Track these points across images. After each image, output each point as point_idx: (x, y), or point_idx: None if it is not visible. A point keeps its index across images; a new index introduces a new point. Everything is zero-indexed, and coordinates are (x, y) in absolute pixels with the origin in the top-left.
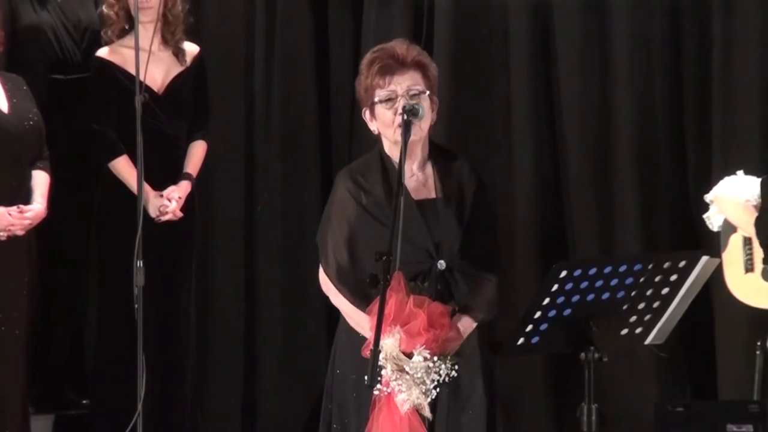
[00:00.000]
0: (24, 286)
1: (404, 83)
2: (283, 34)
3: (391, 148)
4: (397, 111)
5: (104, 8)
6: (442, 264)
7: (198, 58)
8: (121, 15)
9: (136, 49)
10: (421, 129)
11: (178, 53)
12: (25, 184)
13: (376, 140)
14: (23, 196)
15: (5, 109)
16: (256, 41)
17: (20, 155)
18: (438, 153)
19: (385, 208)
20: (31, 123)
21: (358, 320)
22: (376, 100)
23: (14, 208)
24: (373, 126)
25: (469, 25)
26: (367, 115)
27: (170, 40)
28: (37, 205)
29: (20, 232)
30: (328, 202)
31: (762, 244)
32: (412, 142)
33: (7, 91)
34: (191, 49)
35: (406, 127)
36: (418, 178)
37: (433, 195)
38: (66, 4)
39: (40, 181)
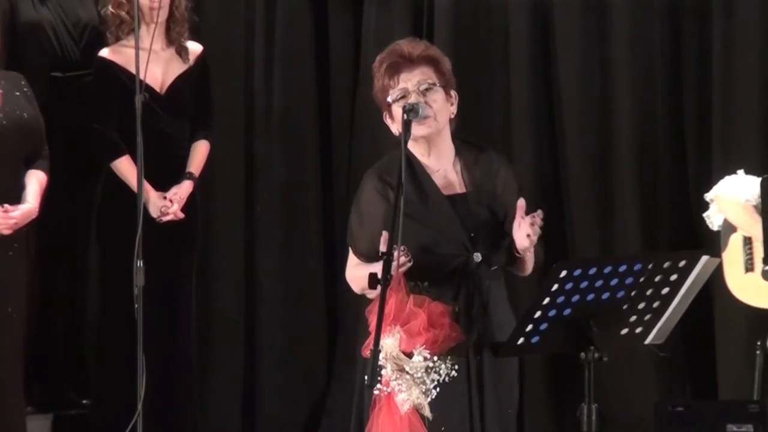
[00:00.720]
0: (22, 285)
1: (414, 79)
2: (283, 34)
3: (413, 146)
4: None
5: (112, 8)
6: (478, 256)
7: (201, 58)
8: (133, 15)
9: (137, 48)
10: (437, 122)
11: (181, 51)
12: (17, 183)
13: (397, 142)
14: (16, 196)
15: None
16: (256, 41)
17: (14, 154)
18: (464, 147)
19: (416, 204)
20: (25, 121)
21: None
22: (389, 100)
23: None
24: (395, 128)
25: (469, 24)
26: (387, 119)
27: (175, 40)
28: (27, 205)
29: (6, 232)
30: (354, 203)
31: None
32: (428, 134)
33: (2, 89)
34: (194, 48)
35: (406, 127)
36: (447, 173)
37: (462, 190)
38: (66, 2)
39: (35, 180)
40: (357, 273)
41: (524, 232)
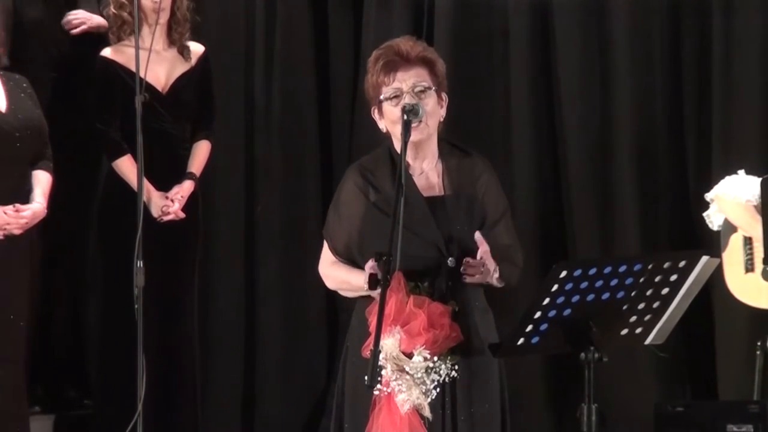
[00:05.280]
0: (25, 286)
1: (409, 80)
2: (283, 34)
3: (400, 146)
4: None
5: (114, 9)
6: (452, 261)
7: (203, 58)
8: (134, 15)
9: (137, 49)
10: (428, 126)
11: (183, 51)
12: (24, 184)
13: (384, 138)
14: (23, 196)
15: (3, 108)
16: (256, 41)
17: (18, 155)
18: (449, 150)
19: (393, 204)
20: (30, 123)
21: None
22: (382, 97)
23: (10, 207)
24: (382, 124)
25: (469, 25)
26: (376, 114)
27: (177, 40)
28: (36, 205)
29: (17, 231)
30: (334, 196)
31: None
32: (419, 140)
33: (7, 90)
34: (196, 48)
35: (406, 127)
36: (428, 175)
37: (442, 192)
38: (70, 2)
39: (41, 180)
40: (334, 274)
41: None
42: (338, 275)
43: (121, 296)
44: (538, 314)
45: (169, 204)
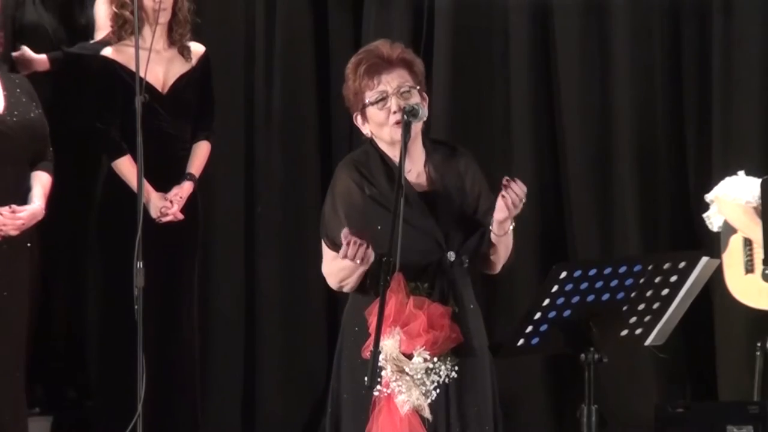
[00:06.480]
0: (24, 287)
1: (393, 82)
2: (283, 34)
3: (387, 148)
4: (390, 110)
5: (115, 9)
6: (452, 255)
7: (203, 59)
8: (135, 15)
9: (137, 49)
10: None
11: (184, 51)
12: (23, 184)
13: (366, 140)
14: (21, 197)
15: (0, 109)
16: (256, 41)
17: (16, 155)
18: (433, 147)
19: (390, 197)
20: (29, 123)
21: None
22: (366, 102)
23: (6, 208)
24: (366, 129)
25: (469, 25)
26: (358, 119)
27: (177, 41)
28: (33, 205)
29: (13, 233)
30: (328, 193)
31: None
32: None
33: (6, 90)
34: (197, 49)
35: (406, 128)
36: (418, 172)
37: (432, 188)
38: (65, 5)
39: (40, 181)
40: (334, 268)
41: (506, 200)
42: (336, 264)
43: (121, 296)
44: (537, 315)
45: (167, 205)
